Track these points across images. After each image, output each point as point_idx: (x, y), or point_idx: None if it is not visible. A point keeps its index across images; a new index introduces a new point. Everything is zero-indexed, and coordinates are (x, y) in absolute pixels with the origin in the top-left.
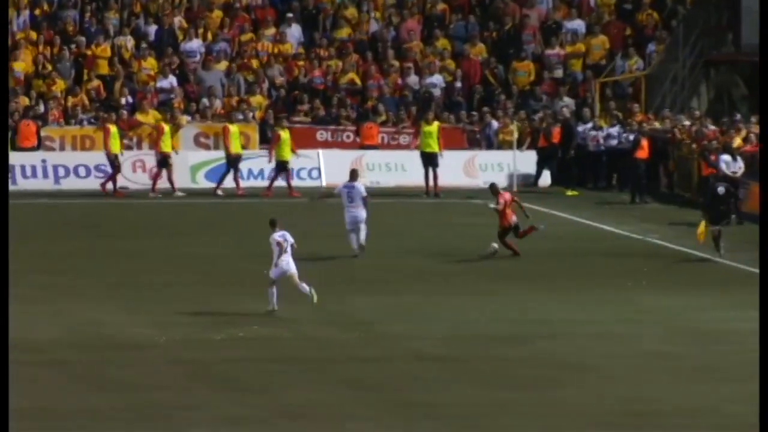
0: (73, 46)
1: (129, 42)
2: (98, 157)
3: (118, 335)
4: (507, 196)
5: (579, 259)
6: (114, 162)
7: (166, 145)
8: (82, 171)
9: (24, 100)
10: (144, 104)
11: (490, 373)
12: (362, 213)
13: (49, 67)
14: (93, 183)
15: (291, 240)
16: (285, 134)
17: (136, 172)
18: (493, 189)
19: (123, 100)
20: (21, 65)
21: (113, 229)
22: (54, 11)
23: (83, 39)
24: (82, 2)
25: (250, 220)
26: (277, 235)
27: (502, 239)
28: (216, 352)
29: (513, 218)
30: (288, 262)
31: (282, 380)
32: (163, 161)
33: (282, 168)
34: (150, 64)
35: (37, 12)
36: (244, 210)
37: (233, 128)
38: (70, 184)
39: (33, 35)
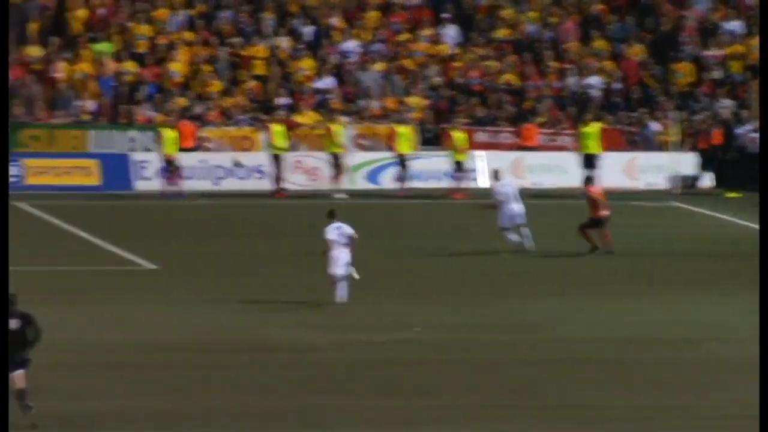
0: (228, 47)
1: (285, 42)
2: (257, 158)
3: (278, 337)
4: (598, 189)
5: (740, 261)
6: (276, 162)
7: (336, 146)
8: (240, 171)
9: (181, 101)
10: (301, 105)
11: (658, 375)
12: (521, 209)
13: (206, 68)
14: (252, 184)
15: (349, 231)
16: (458, 135)
17: (294, 173)
18: (588, 179)
19: (279, 101)
20: (177, 66)
21: (272, 230)
22: (210, 11)
23: (239, 39)
24: (238, 2)
25: (413, 222)
26: (333, 227)
27: (583, 228)
28: (378, 354)
29: (604, 212)
30: (343, 254)
31: (444, 382)
32: (335, 162)
33: (459, 168)
34: (306, 64)
35: (192, 12)
36: (407, 211)
37: (401, 129)
38: (229, 184)
39: (189, 36)
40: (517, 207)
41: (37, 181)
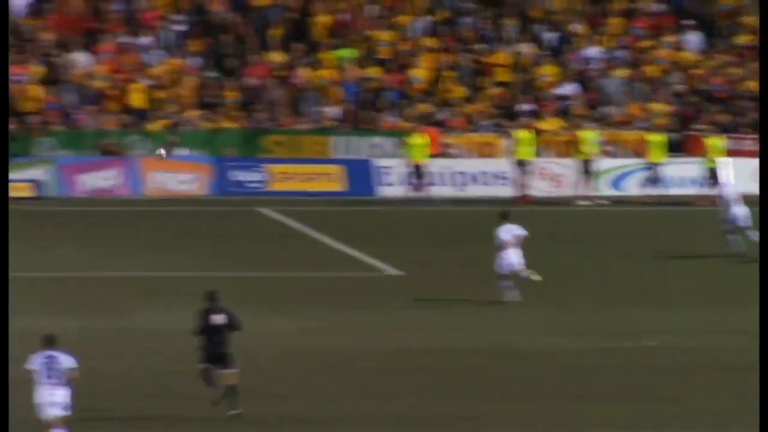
0: (470, 53)
1: (527, 48)
2: (500, 164)
3: (526, 343)
4: None
5: None
6: (522, 168)
7: (586, 153)
8: (484, 178)
9: (424, 107)
10: (544, 111)
11: None
12: (744, 212)
13: (448, 74)
14: (495, 190)
15: (521, 232)
16: (714, 142)
17: (538, 180)
18: None
19: (521, 107)
20: (419, 72)
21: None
22: (452, 18)
23: (482, 46)
24: (480, 9)
25: (657, 228)
26: (505, 229)
27: None
28: (626, 360)
29: None
30: (514, 255)
31: (694, 388)
32: (586, 169)
33: (711, 175)
34: (549, 70)
35: (434, 19)
36: (651, 217)
37: (652, 137)
38: (473, 191)
39: (431, 42)
40: (739, 209)
41: (282, 187)
